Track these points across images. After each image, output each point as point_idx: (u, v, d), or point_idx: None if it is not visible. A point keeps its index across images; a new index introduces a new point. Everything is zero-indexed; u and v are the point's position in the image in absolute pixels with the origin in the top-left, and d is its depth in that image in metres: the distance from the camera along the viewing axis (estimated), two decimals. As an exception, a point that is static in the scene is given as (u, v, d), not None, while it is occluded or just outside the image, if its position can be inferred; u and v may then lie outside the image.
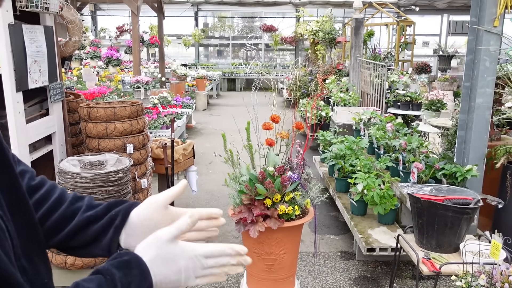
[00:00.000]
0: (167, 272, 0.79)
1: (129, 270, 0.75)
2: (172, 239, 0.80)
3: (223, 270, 0.84)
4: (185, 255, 0.80)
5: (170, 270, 0.79)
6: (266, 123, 2.29)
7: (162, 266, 0.78)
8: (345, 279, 3.24)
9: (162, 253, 0.79)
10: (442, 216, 2.35)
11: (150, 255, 0.78)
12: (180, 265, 0.80)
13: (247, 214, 2.15)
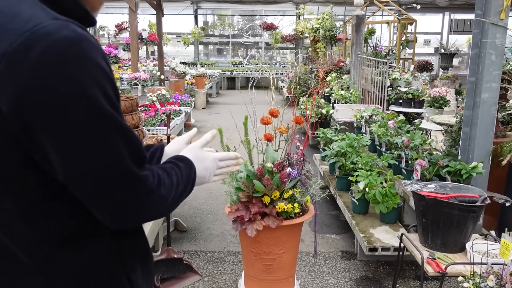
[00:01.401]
0: (200, 168, 1.06)
1: (182, 162, 1.02)
2: (201, 147, 1.12)
3: (228, 169, 1.19)
4: (209, 157, 1.12)
5: (201, 167, 1.07)
6: (264, 117, 2.20)
7: (197, 164, 1.05)
8: (346, 279, 3.15)
9: (196, 155, 1.08)
10: (447, 215, 2.26)
11: (191, 155, 1.06)
12: (207, 164, 1.10)
13: (245, 212, 2.06)
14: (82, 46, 0.72)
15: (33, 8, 0.73)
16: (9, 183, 0.75)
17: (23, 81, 0.69)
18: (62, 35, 0.70)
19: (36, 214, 0.77)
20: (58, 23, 0.71)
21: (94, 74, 0.73)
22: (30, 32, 0.69)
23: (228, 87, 15.20)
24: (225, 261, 3.39)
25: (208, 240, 3.76)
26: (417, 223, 2.46)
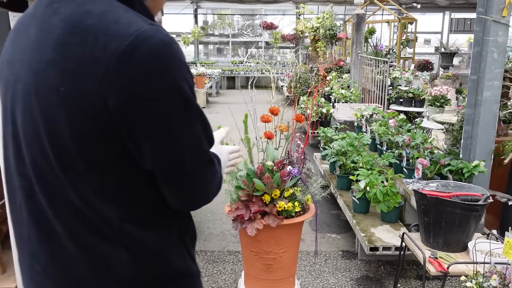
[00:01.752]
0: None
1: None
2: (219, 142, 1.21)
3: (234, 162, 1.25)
4: (224, 151, 1.19)
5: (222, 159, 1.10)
6: (264, 115, 2.17)
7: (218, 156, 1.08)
8: (347, 279, 3.12)
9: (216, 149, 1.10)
10: (449, 213, 2.24)
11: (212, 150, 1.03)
12: (224, 158, 1.16)
13: (245, 211, 2.03)
14: (174, 47, 0.83)
15: (128, 14, 0.83)
16: (102, 169, 0.85)
17: (128, 79, 0.79)
18: (159, 38, 0.81)
19: (123, 197, 0.88)
20: (154, 27, 0.82)
21: (184, 72, 0.85)
22: (134, 36, 0.79)
23: (228, 86, 15.17)
24: (225, 261, 3.37)
25: (208, 239, 3.74)
26: (418, 222, 2.44)
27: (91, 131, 0.81)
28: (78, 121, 0.80)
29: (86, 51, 0.78)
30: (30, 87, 0.83)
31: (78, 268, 0.91)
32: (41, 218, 0.90)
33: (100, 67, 0.78)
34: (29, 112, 0.84)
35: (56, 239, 0.90)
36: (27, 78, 0.84)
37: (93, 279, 0.91)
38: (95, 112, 0.79)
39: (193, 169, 0.92)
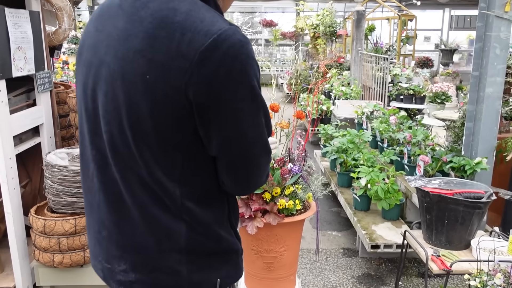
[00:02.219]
0: None
1: None
2: None
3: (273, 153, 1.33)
4: None
5: None
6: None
7: None
8: (348, 277, 3.10)
9: None
10: (452, 211, 2.21)
11: None
12: None
13: (245, 209, 2.00)
14: (248, 47, 0.92)
15: (210, 13, 0.92)
16: (173, 151, 0.95)
17: (209, 74, 0.88)
18: (237, 38, 0.90)
19: (186, 177, 0.99)
20: (233, 28, 0.91)
21: (255, 69, 0.94)
22: (217, 35, 0.87)
23: (228, 84, 15.11)
24: (225, 259, 3.34)
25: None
26: (420, 220, 2.41)
27: (170, 116, 0.91)
28: (160, 106, 0.90)
29: (172, 45, 0.87)
30: (115, 73, 0.92)
31: (141, 236, 1.02)
32: (112, 188, 1.02)
33: (185, 60, 0.87)
34: (112, 94, 0.94)
35: (124, 208, 1.02)
36: (113, 64, 0.93)
37: (154, 247, 1.03)
38: (176, 99, 0.89)
39: (255, 156, 1.02)
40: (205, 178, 1.03)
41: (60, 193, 2.35)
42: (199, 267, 1.09)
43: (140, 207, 1.01)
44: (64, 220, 2.34)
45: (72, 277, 2.48)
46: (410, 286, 2.99)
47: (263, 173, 1.08)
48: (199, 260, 1.08)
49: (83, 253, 2.42)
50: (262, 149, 1.03)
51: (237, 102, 0.93)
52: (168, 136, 0.94)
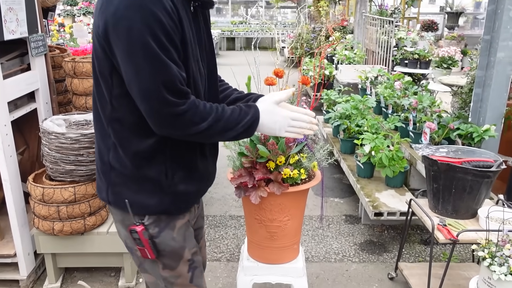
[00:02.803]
0: (268, 120, 1.34)
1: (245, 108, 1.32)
2: (276, 102, 1.36)
3: (300, 131, 1.39)
4: (281, 113, 1.36)
5: (269, 119, 1.34)
6: (269, 78, 2.05)
7: (266, 115, 1.34)
8: (350, 244, 3.09)
9: (268, 108, 1.35)
10: (460, 180, 2.16)
11: (262, 107, 1.35)
12: (276, 119, 1.35)
13: (248, 178, 1.94)
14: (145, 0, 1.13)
15: None
16: (104, 79, 1.26)
17: (109, 15, 1.15)
18: None
19: (116, 101, 1.27)
20: None
21: (148, 19, 1.13)
22: None
23: (228, 47, 14.86)
24: (227, 226, 3.33)
25: (210, 204, 3.69)
26: (427, 189, 2.36)
27: (98, 49, 1.23)
28: (94, 42, 1.24)
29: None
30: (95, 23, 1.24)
31: (96, 143, 1.41)
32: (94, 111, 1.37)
33: (97, 8, 1.21)
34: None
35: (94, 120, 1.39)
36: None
37: (98, 154, 1.40)
38: (97, 36, 1.20)
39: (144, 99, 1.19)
40: (133, 107, 1.24)
41: (58, 161, 2.29)
42: (116, 183, 1.37)
43: (94, 119, 1.38)
44: (63, 188, 2.29)
45: (73, 245, 2.46)
46: (412, 253, 2.98)
47: (168, 121, 1.21)
48: (118, 177, 1.36)
49: (83, 221, 2.38)
50: (154, 97, 1.18)
51: (128, 44, 1.14)
52: (101, 67, 1.25)
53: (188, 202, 1.45)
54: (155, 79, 1.16)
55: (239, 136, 1.33)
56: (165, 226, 1.40)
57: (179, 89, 1.20)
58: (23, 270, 2.48)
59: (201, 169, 1.44)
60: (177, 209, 1.41)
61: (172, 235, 1.41)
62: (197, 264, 1.49)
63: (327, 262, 2.87)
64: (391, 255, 2.95)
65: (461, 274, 2.50)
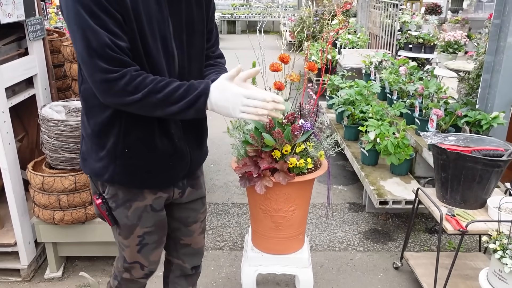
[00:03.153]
0: (219, 97, 1.30)
1: (191, 84, 1.31)
2: (228, 79, 1.31)
3: (255, 111, 1.28)
4: (232, 91, 1.29)
5: (221, 97, 1.29)
6: (274, 63, 1.98)
7: (217, 92, 1.30)
8: (355, 232, 3.06)
9: (219, 85, 1.31)
10: (470, 169, 2.11)
11: (214, 84, 1.31)
12: (227, 96, 1.29)
13: (253, 168, 1.89)
14: None
15: None
16: None
17: None
18: None
19: (82, 72, 1.38)
20: None
21: None
22: None
23: (228, 31, 14.69)
24: (230, 213, 3.29)
25: (212, 191, 3.65)
26: (435, 178, 2.31)
27: None
28: None
29: None
30: None
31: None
32: None
33: None
34: None
35: None
36: None
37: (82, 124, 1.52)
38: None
39: (82, 64, 1.29)
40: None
41: (58, 149, 2.24)
42: (84, 151, 1.52)
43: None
44: (63, 176, 2.25)
45: (74, 234, 2.42)
46: (417, 242, 2.95)
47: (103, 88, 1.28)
48: (85, 146, 1.51)
49: (84, 210, 2.34)
50: (88, 63, 1.25)
51: (66, 14, 1.25)
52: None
53: (146, 180, 1.50)
54: (87, 45, 1.23)
55: (184, 113, 1.31)
56: (121, 204, 1.52)
57: (110, 56, 1.24)
58: (23, 259, 2.44)
59: (162, 148, 1.45)
60: (133, 182, 1.49)
61: (126, 213, 1.53)
62: (148, 241, 1.61)
63: (331, 251, 2.83)
64: (396, 244, 2.91)
65: (467, 264, 2.47)
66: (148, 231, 1.59)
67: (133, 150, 1.44)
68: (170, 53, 1.39)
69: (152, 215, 1.57)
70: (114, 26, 1.25)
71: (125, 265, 1.68)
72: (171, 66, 1.41)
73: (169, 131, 1.46)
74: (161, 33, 1.35)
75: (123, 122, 1.40)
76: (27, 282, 2.47)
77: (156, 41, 1.34)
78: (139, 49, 1.31)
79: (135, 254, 1.63)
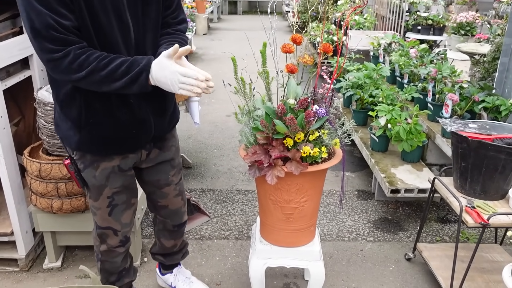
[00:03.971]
0: (159, 74, 1.40)
1: (144, 60, 1.42)
2: (167, 57, 1.40)
3: (191, 88, 1.38)
4: (170, 68, 1.38)
5: (160, 73, 1.39)
6: (286, 44, 1.84)
7: (157, 68, 1.40)
8: (364, 221, 2.95)
9: (159, 62, 1.41)
10: (492, 159, 1.99)
11: (155, 62, 1.41)
12: (165, 73, 1.39)
13: (263, 156, 1.77)
14: None
15: None
16: None
17: None
18: None
19: None
20: None
21: None
22: None
23: (230, 11, 14.41)
24: (234, 201, 3.19)
25: (215, 177, 3.53)
26: (453, 167, 2.20)
27: None
28: None
29: None
30: None
31: None
32: None
33: None
34: None
35: None
36: None
37: None
38: None
39: (30, 41, 1.35)
40: None
41: (55, 134, 2.11)
42: (57, 119, 1.65)
43: None
44: (61, 163, 2.13)
45: (73, 223, 2.31)
46: (429, 231, 2.85)
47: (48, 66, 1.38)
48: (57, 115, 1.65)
49: (84, 198, 2.23)
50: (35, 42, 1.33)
51: None
52: None
53: (111, 146, 1.61)
54: (31, 26, 1.30)
55: (129, 88, 1.41)
56: (89, 165, 1.64)
57: (54, 37, 1.30)
58: (21, 249, 2.34)
59: (123, 118, 1.57)
60: (99, 150, 1.61)
61: (94, 174, 1.64)
62: (118, 202, 1.72)
63: (341, 241, 2.73)
64: (407, 234, 2.81)
65: (483, 257, 2.37)
66: (116, 191, 1.70)
67: (95, 121, 1.55)
68: (125, 25, 1.47)
69: (119, 175, 1.68)
70: (58, 5, 1.30)
71: (98, 231, 1.79)
72: (127, 38, 1.49)
73: (128, 101, 1.55)
74: (114, 6, 1.42)
75: (82, 95, 1.50)
76: (25, 272, 2.37)
77: (108, 15, 1.41)
78: (88, 26, 1.38)
79: (106, 217, 1.74)
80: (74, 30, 1.35)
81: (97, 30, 1.40)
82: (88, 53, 1.35)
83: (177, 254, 2.16)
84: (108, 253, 1.84)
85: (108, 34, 1.42)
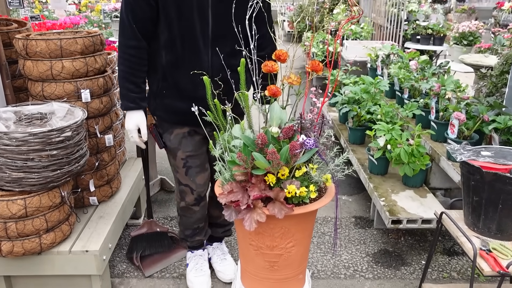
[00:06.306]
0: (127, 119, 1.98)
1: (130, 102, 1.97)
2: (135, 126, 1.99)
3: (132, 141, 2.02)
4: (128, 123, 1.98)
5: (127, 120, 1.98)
6: (268, 63, 1.56)
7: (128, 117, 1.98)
8: (362, 254, 2.65)
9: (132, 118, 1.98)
10: (510, 194, 1.70)
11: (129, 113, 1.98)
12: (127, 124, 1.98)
13: (241, 196, 1.48)
14: None
15: None
16: None
17: None
18: None
19: None
20: None
21: None
22: None
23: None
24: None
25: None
26: (463, 201, 1.91)
27: None
28: None
29: None
30: None
31: None
32: None
33: None
34: None
35: None
36: None
37: None
38: None
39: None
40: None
41: (3, 167, 1.82)
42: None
43: None
44: (10, 200, 1.83)
45: (29, 266, 2.01)
46: (435, 266, 2.55)
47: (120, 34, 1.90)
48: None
49: (39, 239, 1.93)
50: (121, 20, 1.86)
51: None
52: None
53: (176, 117, 1.99)
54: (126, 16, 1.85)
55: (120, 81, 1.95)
56: (165, 130, 2.05)
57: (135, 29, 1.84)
58: (-32, 296, 2.04)
59: (185, 93, 1.91)
60: (169, 118, 2.01)
61: (169, 138, 2.04)
62: (192, 165, 2.06)
63: (336, 278, 2.43)
64: (410, 270, 2.51)
65: (499, 301, 2.07)
66: (189, 155, 2.04)
67: (168, 93, 1.94)
68: (205, 20, 1.82)
69: (190, 140, 2.02)
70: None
71: (180, 188, 2.13)
72: (205, 31, 1.84)
73: (196, 81, 1.83)
74: (199, 2, 1.79)
75: (161, 72, 1.93)
76: (-26, 322, 2.07)
77: (192, 8, 1.79)
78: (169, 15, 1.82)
79: (184, 176, 2.08)
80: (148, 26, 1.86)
81: (177, 19, 1.80)
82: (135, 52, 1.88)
83: (220, 228, 2.42)
84: (185, 210, 2.19)
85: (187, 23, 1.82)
